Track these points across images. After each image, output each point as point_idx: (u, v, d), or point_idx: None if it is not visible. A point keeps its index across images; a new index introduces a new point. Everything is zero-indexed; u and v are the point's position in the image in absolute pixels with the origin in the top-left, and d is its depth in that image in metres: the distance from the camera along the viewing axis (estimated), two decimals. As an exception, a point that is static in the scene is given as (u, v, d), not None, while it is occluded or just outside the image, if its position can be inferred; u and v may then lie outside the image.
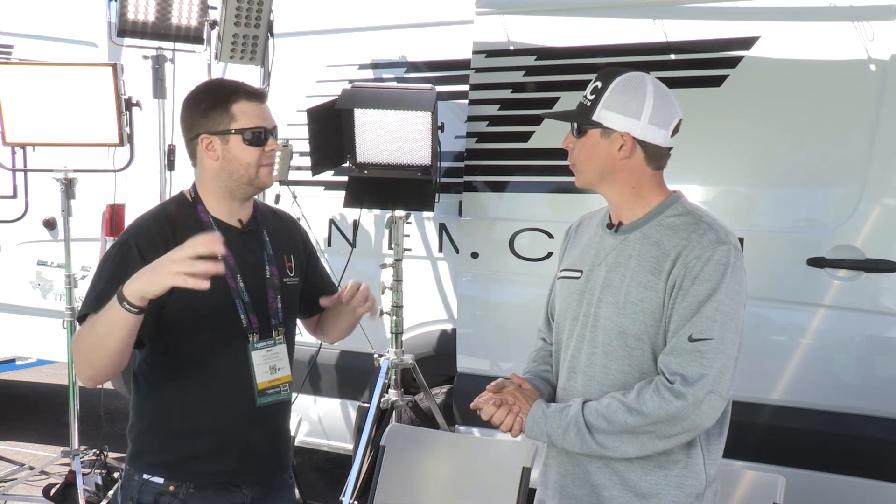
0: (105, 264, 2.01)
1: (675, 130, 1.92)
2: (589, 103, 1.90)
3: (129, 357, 1.92)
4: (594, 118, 1.89)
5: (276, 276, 2.14)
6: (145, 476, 2.06)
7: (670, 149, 1.93)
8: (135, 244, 1.99)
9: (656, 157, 1.91)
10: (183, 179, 3.52)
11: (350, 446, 3.98)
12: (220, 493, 2.07)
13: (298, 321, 2.31)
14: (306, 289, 2.27)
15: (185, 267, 1.70)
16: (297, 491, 2.40)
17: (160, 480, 2.04)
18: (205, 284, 1.71)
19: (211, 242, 1.73)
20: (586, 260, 1.98)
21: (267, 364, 2.07)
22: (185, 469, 2.05)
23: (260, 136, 2.03)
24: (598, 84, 1.91)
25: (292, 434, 2.95)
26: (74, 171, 4.12)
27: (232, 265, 2.04)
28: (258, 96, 2.08)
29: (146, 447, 2.10)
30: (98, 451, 4.28)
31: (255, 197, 2.20)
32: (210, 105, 2.04)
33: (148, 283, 1.74)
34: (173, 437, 2.07)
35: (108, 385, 4.54)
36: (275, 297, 2.12)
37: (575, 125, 1.94)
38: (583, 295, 1.94)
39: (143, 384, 2.09)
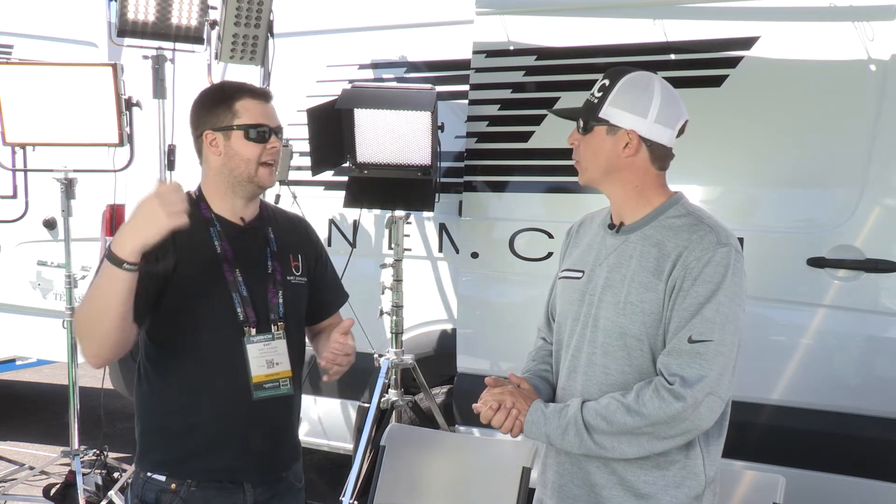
0: None
1: (681, 131, 1.92)
2: (596, 101, 1.90)
3: (130, 332, 1.94)
4: (601, 115, 1.88)
5: (279, 272, 2.14)
6: (149, 474, 2.07)
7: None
8: None
9: (661, 156, 1.91)
10: (183, 179, 3.54)
11: (350, 446, 3.97)
12: (222, 492, 2.07)
13: None
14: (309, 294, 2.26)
15: (172, 206, 1.80)
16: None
17: (162, 478, 2.06)
18: (185, 219, 1.83)
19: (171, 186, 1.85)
20: (588, 260, 1.98)
21: (263, 358, 2.05)
22: (185, 466, 2.06)
23: (261, 134, 2.07)
24: (606, 82, 1.90)
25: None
26: (74, 171, 4.12)
27: (231, 259, 2.06)
28: (262, 95, 2.12)
29: (149, 445, 2.12)
30: (98, 451, 4.27)
31: (261, 197, 2.21)
32: (215, 102, 2.10)
33: (144, 234, 1.81)
34: (173, 434, 2.08)
35: (108, 385, 4.54)
36: (275, 293, 2.12)
37: (581, 122, 1.93)
38: (584, 295, 1.94)
39: (145, 381, 2.11)
